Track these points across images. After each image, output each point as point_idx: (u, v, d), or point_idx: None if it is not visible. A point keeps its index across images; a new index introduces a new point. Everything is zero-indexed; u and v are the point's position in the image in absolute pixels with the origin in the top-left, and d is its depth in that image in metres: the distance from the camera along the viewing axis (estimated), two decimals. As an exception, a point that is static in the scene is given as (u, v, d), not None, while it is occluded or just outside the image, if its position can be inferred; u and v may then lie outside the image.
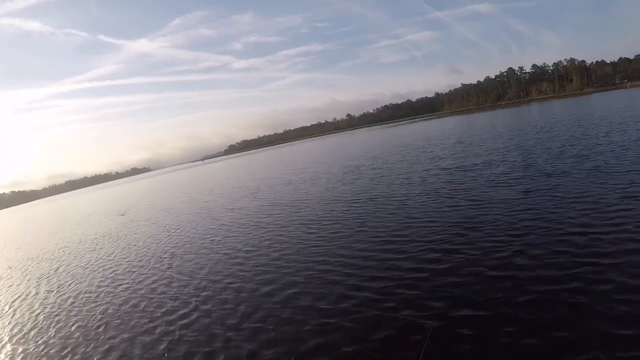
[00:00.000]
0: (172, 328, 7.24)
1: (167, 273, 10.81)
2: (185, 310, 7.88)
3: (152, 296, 9.23)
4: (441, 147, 28.77)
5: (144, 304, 8.81)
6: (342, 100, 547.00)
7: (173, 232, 16.81)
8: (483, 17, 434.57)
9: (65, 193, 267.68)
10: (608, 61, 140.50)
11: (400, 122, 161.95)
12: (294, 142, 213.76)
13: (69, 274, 13.35)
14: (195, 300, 8.35)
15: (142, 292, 9.68)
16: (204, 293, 8.70)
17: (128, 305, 8.95)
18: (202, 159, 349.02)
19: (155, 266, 11.89)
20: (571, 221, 8.48)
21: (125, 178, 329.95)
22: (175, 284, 9.68)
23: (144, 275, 11.08)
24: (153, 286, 9.94)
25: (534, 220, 8.94)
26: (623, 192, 9.63)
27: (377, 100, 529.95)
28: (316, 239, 11.22)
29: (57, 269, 14.67)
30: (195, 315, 7.61)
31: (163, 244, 14.97)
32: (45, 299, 11.04)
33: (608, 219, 8.10)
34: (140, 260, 13.04)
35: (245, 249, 11.72)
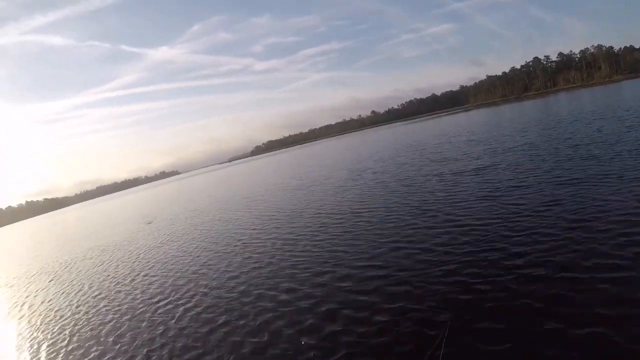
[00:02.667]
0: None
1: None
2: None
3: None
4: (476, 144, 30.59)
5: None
6: (362, 97, 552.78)
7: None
8: (503, 6, 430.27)
9: (97, 198, 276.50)
10: (637, 46, 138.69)
11: (426, 117, 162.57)
12: (319, 141, 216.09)
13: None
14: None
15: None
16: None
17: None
18: (229, 160, 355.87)
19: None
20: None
21: (156, 182, 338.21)
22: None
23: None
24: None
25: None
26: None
27: (397, 96, 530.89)
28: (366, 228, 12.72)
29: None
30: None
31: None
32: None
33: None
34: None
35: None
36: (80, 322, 10.63)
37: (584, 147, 17.91)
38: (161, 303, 10.46)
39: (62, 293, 14.62)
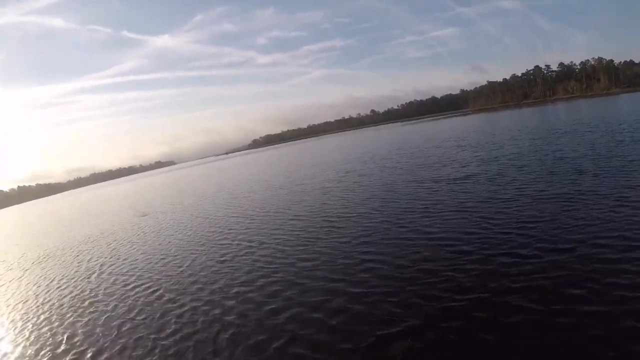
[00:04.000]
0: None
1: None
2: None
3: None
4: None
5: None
6: (361, 96, 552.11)
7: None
8: (508, 13, 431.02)
9: (91, 185, 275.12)
10: (637, 61, 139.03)
11: (425, 119, 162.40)
12: (317, 138, 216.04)
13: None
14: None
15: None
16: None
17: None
18: (226, 153, 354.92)
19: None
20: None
21: (151, 171, 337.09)
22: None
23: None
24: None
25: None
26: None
27: (396, 96, 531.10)
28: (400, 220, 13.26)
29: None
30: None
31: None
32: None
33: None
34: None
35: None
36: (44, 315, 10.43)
37: (570, 160, 17.60)
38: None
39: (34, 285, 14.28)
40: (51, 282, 13.84)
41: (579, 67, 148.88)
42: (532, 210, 11.09)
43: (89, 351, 7.76)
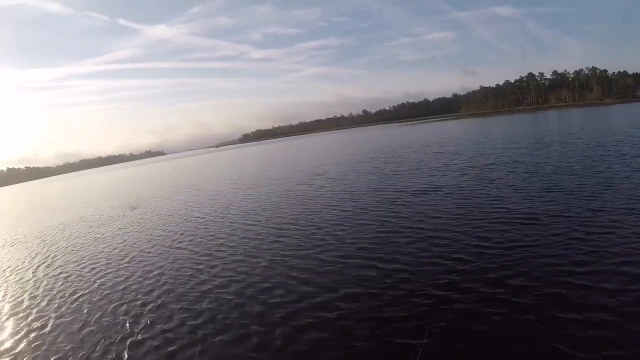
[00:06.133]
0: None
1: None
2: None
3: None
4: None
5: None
6: (351, 95, 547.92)
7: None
8: (504, 19, 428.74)
9: (81, 171, 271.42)
10: (630, 72, 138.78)
11: (416, 122, 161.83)
12: (307, 135, 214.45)
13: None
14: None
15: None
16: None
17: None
18: (217, 146, 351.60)
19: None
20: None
21: (141, 160, 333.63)
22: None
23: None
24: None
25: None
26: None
27: (387, 98, 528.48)
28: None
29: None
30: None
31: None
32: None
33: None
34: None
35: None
36: None
37: (544, 175, 15.63)
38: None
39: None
40: None
41: (572, 76, 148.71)
42: (486, 232, 9.67)
43: None
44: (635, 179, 13.16)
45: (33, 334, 7.71)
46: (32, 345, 7.22)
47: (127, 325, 7.43)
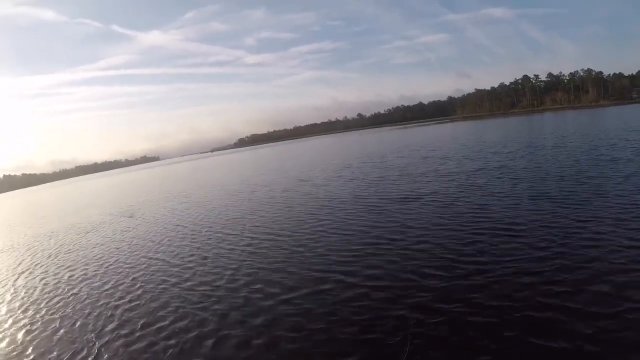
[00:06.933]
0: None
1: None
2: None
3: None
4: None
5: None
6: (344, 99, 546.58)
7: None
8: (498, 21, 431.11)
9: (76, 177, 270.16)
10: (626, 74, 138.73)
11: (413, 125, 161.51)
12: (302, 139, 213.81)
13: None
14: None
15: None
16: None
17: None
18: (212, 151, 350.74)
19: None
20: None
21: (137, 166, 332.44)
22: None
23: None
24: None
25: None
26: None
27: (381, 101, 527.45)
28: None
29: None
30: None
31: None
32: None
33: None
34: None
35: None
36: None
37: (534, 183, 14.84)
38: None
39: None
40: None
41: (567, 78, 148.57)
42: (460, 244, 8.94)
43: None
44: (627, 186, 12.41)
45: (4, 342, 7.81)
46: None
47: (94, 335, 7.45)
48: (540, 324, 5.57)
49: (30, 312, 9.22)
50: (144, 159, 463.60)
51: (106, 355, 6.53)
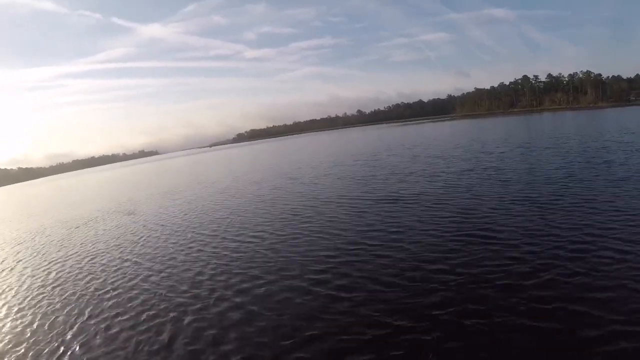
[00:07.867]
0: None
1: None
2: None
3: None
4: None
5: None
6: (344, 95, 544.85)
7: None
8: (499, 21, 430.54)
9: (73, 172, 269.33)
10: (624, 77, 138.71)
11: (412, 122, 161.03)
12: (301, 135, 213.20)
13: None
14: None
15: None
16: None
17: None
18: (210, 146, 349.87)
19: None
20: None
21: (135, 160, 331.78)
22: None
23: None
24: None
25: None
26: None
27: (381, 98, 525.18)
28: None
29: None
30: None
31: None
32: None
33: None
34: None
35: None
36: None
37: (522, 186, 14.52)
38: None
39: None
40: None
41: (567, 79, 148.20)
42: (436, 251, 8.60)
43: None
44: (618, 191, 12.07)
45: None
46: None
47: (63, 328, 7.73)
48: (530, 330, 5.46)
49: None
50: (143, 153, 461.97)
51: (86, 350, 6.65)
